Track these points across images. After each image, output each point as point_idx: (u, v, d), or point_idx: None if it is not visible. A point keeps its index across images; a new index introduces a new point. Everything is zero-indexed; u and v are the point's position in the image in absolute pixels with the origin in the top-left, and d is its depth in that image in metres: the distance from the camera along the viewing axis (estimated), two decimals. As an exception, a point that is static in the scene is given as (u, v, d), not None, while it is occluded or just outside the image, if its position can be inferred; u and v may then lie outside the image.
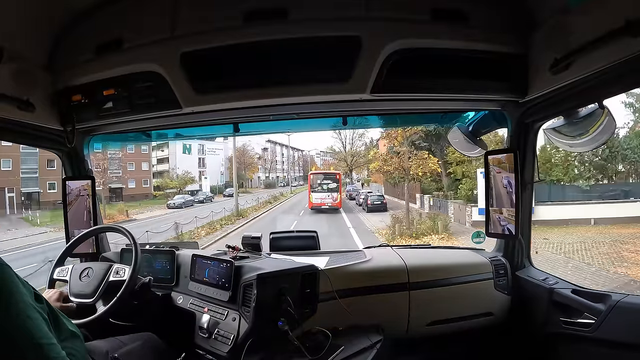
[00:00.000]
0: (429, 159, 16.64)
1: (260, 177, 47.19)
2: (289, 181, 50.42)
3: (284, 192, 37.13)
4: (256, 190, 40.19)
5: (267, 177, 48.08)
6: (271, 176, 49.25)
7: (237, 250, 1.99)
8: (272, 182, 47.39)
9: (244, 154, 40.99)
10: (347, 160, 39.03)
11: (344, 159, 39.08)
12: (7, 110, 1.52)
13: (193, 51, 1.51)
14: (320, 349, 1.61)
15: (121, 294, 1.56)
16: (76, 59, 1.65)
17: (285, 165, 53.94)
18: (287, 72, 1.54)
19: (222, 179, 40.17)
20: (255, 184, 45.85)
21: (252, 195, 30.80)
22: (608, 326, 1.54)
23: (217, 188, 36.24)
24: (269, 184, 45.81)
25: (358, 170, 42.18)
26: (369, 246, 2.43)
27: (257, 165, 45.54)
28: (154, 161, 35.31)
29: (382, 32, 1.46)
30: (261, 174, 47.30)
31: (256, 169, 45.11)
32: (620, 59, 1.17)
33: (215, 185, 37.23)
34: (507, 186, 1.91)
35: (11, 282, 0.93)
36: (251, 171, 43.50)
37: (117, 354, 1.36)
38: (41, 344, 0.92)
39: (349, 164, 38.84)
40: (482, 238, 2.55)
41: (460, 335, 2.04)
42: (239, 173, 37.18)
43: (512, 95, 1.68)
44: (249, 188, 42.33)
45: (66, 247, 1.81)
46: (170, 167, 35.39)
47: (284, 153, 53.53)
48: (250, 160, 42.84)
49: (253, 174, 44.46)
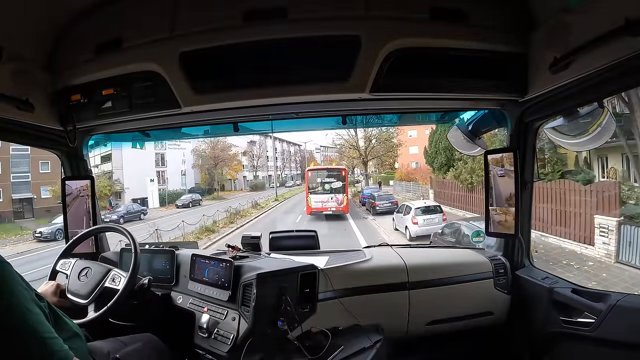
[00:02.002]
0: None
1: (247, 177, 38.70)
2: (285, 180, 43.04)
3: (269, 198, 28.08)
4: (238, 194, 31.99)
5: (255, 177, 39.37)
6: (261, 175, 40.21)
7: (237, 250, 1.99)
8: (259, 183, 38.32)
9: (220, 148, 31.92)
10: (359, 149, 29.13)
11: (354, 146, 29.32)
12: (7, 110, 1.52)
13: (192, 51, 1.51)
14: (320, 348, 1.61)
15: (113, 304, 1.54)
16: (75, 58, 1.65)
17: (279, 162, 45.05)
18: (287, 72, 1.54)
19: (185, 182, 31.01)
20: (241, 185, 37.37)
21: (224, 204, 23.43)
22: (608, 325, 1.54)
23: (174, 195, 27.39)
24: (256, 186, 37.18)
25: (376, 162, 32.60)
26: (368, 245, 2.43)
27: (241, 162, 36.69)
28: (97, 160, 24.95)
29: (382, 32, 1.46)
30: (248, 173, 38.60)
31: (239, 167, 36.06)
32: (620, 58, 1.17)
33: (178, 190, 28.99)
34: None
35: (12, 279, 0.94)
36: (233, 169, 34.87)
37: (118, 354, 1.36)
38: (44, 338, 0.93)
39: (364, 152, 28.86)
40: (482, 237, 2.55)
41: (460, 335, 2.04)
42: (213, 172, 31.36)
43: (511, 94, 1.68)
44: (229, 191, 34.46)
45: (66, 247, 1.80)
46: (114, 166, 25.80)
47: (277, 148, 44.59)
48: (229, 155, 33.64)
49: (236, 173, 35.80)
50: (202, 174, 32.58)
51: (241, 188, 37.08)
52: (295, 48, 1.50)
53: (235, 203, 22.46)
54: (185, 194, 28.90)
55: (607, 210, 8.28)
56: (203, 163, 32.28)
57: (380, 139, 28.59)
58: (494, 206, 1.98)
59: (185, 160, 30.72)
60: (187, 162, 31.97)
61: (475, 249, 2.33)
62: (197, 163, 32.56)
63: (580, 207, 8.91)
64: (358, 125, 2.24)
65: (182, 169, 31.14)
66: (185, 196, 27.76)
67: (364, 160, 29.53)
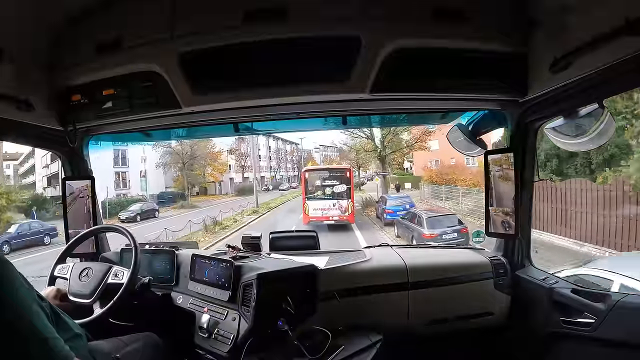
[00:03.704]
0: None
1: (235, 179, 33.06)
2: (279, 183, 37.44)
3: (244, 210, 20.67)
4: (219, 200, 26.19)
5: (245, 179, 33.44)
6: (252, 177, 32.22)
7: (237, 250, 1.99)
8: (247, 187, 30.53)
9: (201, 145, 25.80)
10: (374, 139, 21.29)
11: (370, 137, 21.50)
12: (7, 110, 1.52)
13: (193, 51, 1.51)
14: (320, 349, 1.61)
15: (118, 297, 1.56)
16: (76, 58, 1.65)
17: (273, 162, 40.24)
18: (287, 72, 1.54)
19: (146, 186, 23.39)
20: (227, 188, 31.77)
21: (194, 214, 19.22)
22: (608, 326, 1.54)
23: (120, 205, 20.76)
24: (243, 189, 30.72)
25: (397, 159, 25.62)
26: (368, 246, 2.43)
27: (226, 162, 31.20)
28: (46, 159, 20.29)
29: (382, 32, 1.46)
30: (235, 175, 32.98)
31: (224, 168, 30.61)
32: (620, 58, 1.17)
33: (135, 196, 22.44)
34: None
35: (15, 278, 0.94)
36: (217, 170, 29.61)
37: (119, 354, 1.37)
38: (45, 338, 0.93)
39: (381, 145, 20.91)
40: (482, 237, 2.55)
41: (460, 335, 2.04)
42: (187, 174, 25.36)
43: (511, 94, 1.68)
44: (212, 196, 29.34)
45: (66, 247, 1.81)
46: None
47: (270, 146, 39.91)
48: (212, 154, 28.14)
49: (221, 175, 30.61)
50: (180, 175, 26.45)
51: (227, 192, 31.56)
52: (295, 48, 1.50)
53: (208, 212, 17.73)
54: (146, 201, 22.18)
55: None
56: (176, 161, 25.51)
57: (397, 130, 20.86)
58: (494, 206, 1.99)
59: (145, 158, 21.84)
60: (150, 159, 23.35)
61: (476, 249, 2.33)
62: (170, 161, 25.44)
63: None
64: (358, 125, 2.25)
65: (141, 169, 23.53)
66: (134, 206, 20.74)
67: (381, 155, 20.97)
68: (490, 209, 2.00)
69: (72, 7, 1.57)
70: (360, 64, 1.48)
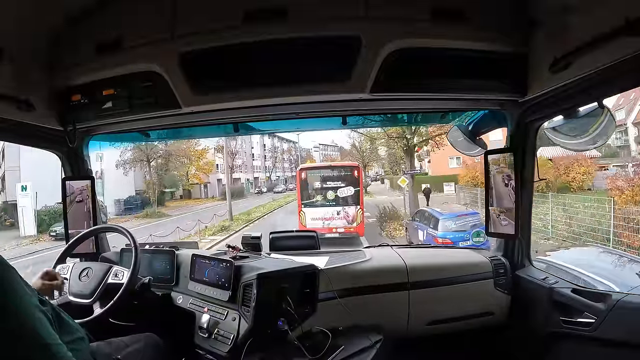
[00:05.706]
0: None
1: (224, 181, 26.40)
2: (275, 184, 34.47)
3: (207, 228, 15.08)
4: (201, 205, 23.38)
5: (235, 180, 29.44)
6: (244, 178, 30.63)
7: (237, 250, 1.99)
8: (237, 189, 27.52)
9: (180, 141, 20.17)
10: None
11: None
12: (7, 110, 1.52)
13: (192, 51, 1.51)
14: (320, 349, 1.60)
15: (118, 297, 1.56)
16: (76, 58, 1.65)
17: (268, 162, 36.71)
18: (287, 72, 1.54)
19: (102, 190, 15.35)
20: (213, 191, 28.54)
21: (162, 224, 15.93)
22: (608, 325, 1.54)
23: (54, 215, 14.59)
24: (232, 192, 22.06)
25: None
26: (368, 246, 2.43)
27: (212, 161, 27.75)
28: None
29: (382, 32, 1.46)
30: (223, 176, 27.13)
31: (209, 168, 27.09)
32: (620, 58, 1.17)
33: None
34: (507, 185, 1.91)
35: (17, 284, 0.93)
36: (202, 170, 26.18)
37: (120, 355, 1.36)
38: (48, 344, 0.92)
39: (409, 132, 14.96)
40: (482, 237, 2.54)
41: (460, 335, 2.04)
42: (164, 174, 22.04)
43: (511, 94, 1.68)
44: (196, 200, 26.34)
45: (66, 247, 1.81)
46: (7, 166, 16.89)
47: (265, 144, 36.61)
48: (195, 152, 24.38)
49: (207, 176, 27.39)
50: (151, 175, 21.97)
51: (213, 195, 28.01)
52: (295, 48, 1.50)
53: (178, 223, 14.29)
54: (101, 208, 12.38)
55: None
56: (140, 158, 21.40)
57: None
58: (494, 206, 1.99)
59: (102, 156, 15.53)
60: (109, 157, 18.57)
61: (475, 249, 2.33)
62: (132, 158, 21.39)
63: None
64: (359, 125, 2.24)
65: (97, 170, 12.68)
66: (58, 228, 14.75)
67: (409, 145, 15.37)
68: (490, 208, 2.00)
69: (72, 7, 1.57)
70: (360, 64, 1.48)
